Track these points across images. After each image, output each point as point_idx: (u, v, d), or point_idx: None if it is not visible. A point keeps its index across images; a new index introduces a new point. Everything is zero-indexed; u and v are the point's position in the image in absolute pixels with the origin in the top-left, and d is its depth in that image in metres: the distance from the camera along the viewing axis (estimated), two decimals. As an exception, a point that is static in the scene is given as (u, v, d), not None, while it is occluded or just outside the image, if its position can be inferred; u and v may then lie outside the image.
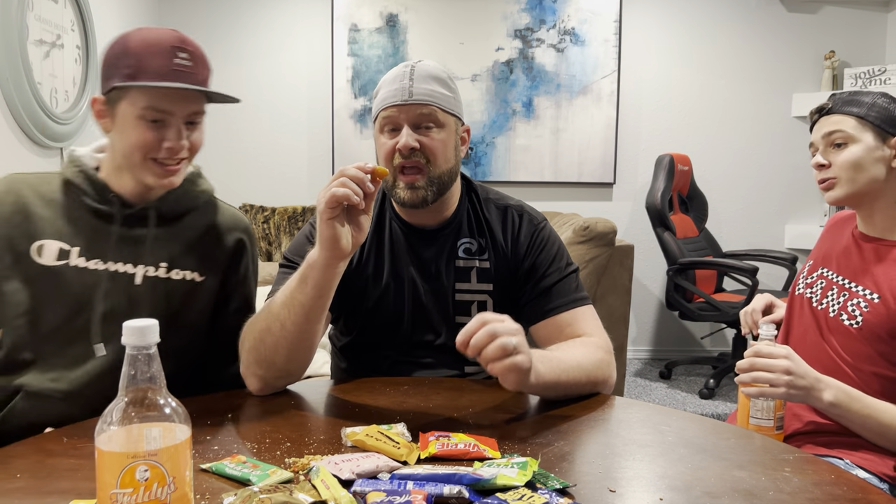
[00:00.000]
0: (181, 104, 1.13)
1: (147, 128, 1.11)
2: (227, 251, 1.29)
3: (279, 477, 0.80)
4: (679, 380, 3.81)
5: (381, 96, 1.27)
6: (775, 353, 1.18)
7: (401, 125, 1.24)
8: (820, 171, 1.32)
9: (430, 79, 1.25)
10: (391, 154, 1.24)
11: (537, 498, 0.75)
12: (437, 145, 1.24)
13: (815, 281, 1.38)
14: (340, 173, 1.02)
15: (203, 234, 1.27)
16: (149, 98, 1.10)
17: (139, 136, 1.12)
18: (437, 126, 1.25)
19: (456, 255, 1.32)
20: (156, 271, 1.20)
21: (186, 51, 1.12)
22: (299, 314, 1.08)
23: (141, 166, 1.14)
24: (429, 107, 1.23)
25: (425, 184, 1.24)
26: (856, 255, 1.33)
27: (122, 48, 1.12)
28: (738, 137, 4.14)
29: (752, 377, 1.18)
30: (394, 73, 1.26)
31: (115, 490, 0.59)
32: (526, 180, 4.08)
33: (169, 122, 1.13)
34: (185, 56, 1.12)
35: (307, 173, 4.10)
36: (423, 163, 1.23)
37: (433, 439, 0.91)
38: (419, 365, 1.31)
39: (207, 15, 4.00)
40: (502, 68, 4.02)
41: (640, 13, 4.06)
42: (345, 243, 1.03)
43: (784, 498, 0.79)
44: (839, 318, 1.28)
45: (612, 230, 2.73)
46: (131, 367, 0.61)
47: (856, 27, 4.08)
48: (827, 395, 1.17)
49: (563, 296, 1.28)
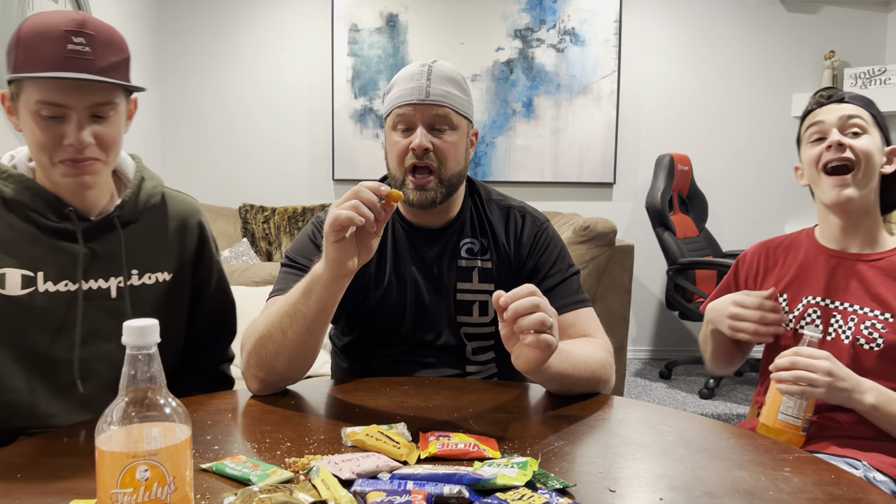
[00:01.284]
0: (77, 96, 1.00)
1: (43, 125, 1.00)
2: (191, 241, 1.24)
3: (279, 477, 0.80)
4: (679, 380, 3.81)
5: (395, 93, 1.26)
6: (816, 353, 1.17)
7: (415, 124, 1.23)
8: (836, 151, 1.22)
9: (447, 80, 1.25)
10: (403, 153, 1.24)
11: (537, 498, 0.75)
12: (449, 147, 1.24)
13: (803, 312, 1.31)
14: (354, 194, 0.99)
15: (163, 232, 1.20)
16: (41, 91, 0.98)
17: (35, 135, 1.01)
18: (451, 128, 1.25)
19: (458, 255, 1.32)
20: (128, 280, 1.14)
21: (84, 34, 0.99)
22: (301, 325, 1.08)
23: (51, 169, 1.04)
24: (444, 108, 1.23)
25: (435, 185, 1.24)
26: (843, 275, 1.29)
27: (15, 36, 1.01)
28: (738, 137, 4.14)
29: (794, 376, 1.16)
30: (410, 71, 1.26)
31: (115, 490, 0.59)
32: (526, 180, 4.08)
33: (68, 117, 1.00)
34: (82, 41, 0.98)
35: (307, 173, 4.10)
36: (435, 165, 1.24)
37: (433, 439, 0.91)
38: (420, 364, 1.31)
39: (207, 15, 4.00)
40: (502, 68, 4.02)
41: (640, 13, 4.06)
42: (350, 265, 1.02)
43: (784, 498, 0.79)
44: (856, 342, 1.25)
45: (612, 230, 2.73)
46: (131, 366, 0.61)
47: (856, 27, 4.08)
48: (869, 398, 1.16)
49: (564, 297, 1.28)
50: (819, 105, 1.28)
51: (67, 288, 1.07)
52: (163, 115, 4.03)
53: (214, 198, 4.03)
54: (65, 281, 1.07)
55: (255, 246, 3.73)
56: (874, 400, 1.16)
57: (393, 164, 1.27)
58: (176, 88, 4.03)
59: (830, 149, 1.23)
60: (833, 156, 1.23)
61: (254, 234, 3.75)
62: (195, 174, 4.07)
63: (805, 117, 1.32)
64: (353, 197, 0.99)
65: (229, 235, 3.75)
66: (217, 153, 4.07)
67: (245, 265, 2.65)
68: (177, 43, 4.01)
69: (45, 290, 1.06)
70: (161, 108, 4.03)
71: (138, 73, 3.72)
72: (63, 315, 1.07)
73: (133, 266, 1.15)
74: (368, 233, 1.02)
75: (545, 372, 1.07)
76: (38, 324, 1.06)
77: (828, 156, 1.23)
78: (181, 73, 4.02)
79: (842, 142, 1.21)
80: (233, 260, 3.45)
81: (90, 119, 1.03)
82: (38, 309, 1.06)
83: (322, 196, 4.09)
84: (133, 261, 1.15)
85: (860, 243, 1.29)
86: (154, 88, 3.96)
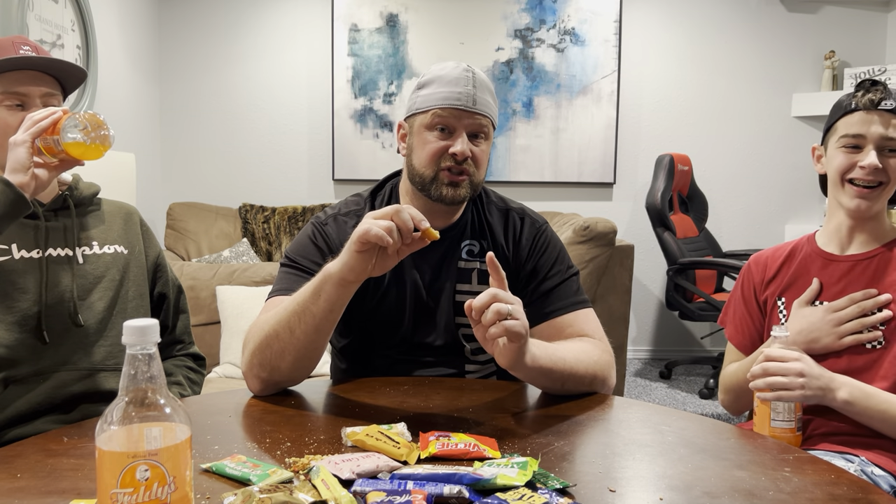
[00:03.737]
0: (34, 86, 1.24)
1: (8, 112, 1.22)
2: (135, 227, 1.42)
3: (279, 477, 0.80)
4: (679, 380, 3.82)
5: (437, 92, 1.24)
6: (787, 356, 1.18)
7: (456, 129, 1.24)
8: (873, 174, 1.21)
9: (486, 89, 1.26)
10: (438, 154, 1.24)
11: (537, 498, 0.75)
12: (483, 156, 1.27)
13: None
14: (394, 212, 1.00)
15: (110, 216, 1.39)
16: (4, 84, 1.22)
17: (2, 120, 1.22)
18: (486, 138, 1.27)
19: (459, 257, 1.32)
20: (91, 250, 1.32)
21: (29, 44, 1.25)
22: (310, 325, 1.08)
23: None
24: (486, 118, 1.25)
25: (467, 185, 1.26)
26: (838, 275, 1.30)
27: None
28: (738, 137, 4.14)
29: (767, 383, 1.18)
30: (453, 73, 1.24)
31: (115, 490, 0.59)
32: (526, 180, 4.08)
33: (28, 104, 1.24)
34: (28, 48, 1.25)
35: (307, 173, 4.10)
36: (471, 171, 1.25)
37: (433, 439, 0.91)
38: (419, 365, 1.31)
39: (207, 15, 4.00)
40: (502, 68, 4.02)
41: (640, 13, 4.06)
42: (363, 275, 1.05)
43: (784, 498, 0.79)
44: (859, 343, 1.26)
45: (612, 230, 2.73)
46: (131, 366, 0.61)
47: (856, 27, 4.08)
48: (842, 394, 1.17)
49: (563, 298, 1.29)
50: (863, 108, 1.22)
51: (39, 255, 1.27)
52: (163, 115, 4.03)
53: (214, 198, 4.03)
54: (36, 250, 1.27)
55: (255, 246, 3.73)
56: (847, 395, 1.17)
57: (423, 162, 1.25)
58: (176, 88, 4.03)
59: (864, 168, 1.22)
60: (866, 176, 1.22)
61: (254, 234, 3.75)
62: (195, 174, 4.08)
63: (845, 113, 1.25)
64: (391, 216, 1.00)
65: (229, 235, 3.75)
66: (217, 153, 4.07)
67: (245, 265, 2.65)
68: (177, 43, 4.01)
69: (19, 256, 1.25)
70: (161, 108, 4.03)
71: (138, 72, 3.72)
72: (41, 276, 1.25)
73: (92, 238, 1.34)
74: (390, 255, 1.04)
75: (532, 367, 1.07)
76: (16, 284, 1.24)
77: (860, 173, 1.23)
78: (181, 73, 4.02)
79: (878, 166, 1.20)
80: (233, 260, 3.45)
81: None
82: (19, 271, 1.25)
83: (322, 196, 4.09)
84: (90, 234, 1.34)
85: (862, 242, 1.30)
86: (154, 88, 3.96)
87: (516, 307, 1.00)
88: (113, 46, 3.37)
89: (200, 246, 3.65)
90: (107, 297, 1.30)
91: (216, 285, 2.51)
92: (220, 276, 2.56)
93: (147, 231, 1.44)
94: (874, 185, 1.23)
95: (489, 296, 0.99)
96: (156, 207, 3.95)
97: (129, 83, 3.62)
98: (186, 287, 2.37)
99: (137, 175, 3.47)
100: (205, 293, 2.51)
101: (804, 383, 1.16)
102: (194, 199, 4.01)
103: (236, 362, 2.35)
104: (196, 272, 2.58)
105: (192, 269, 2.61)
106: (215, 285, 2.52)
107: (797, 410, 1.19)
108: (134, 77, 3.67)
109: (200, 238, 3.67)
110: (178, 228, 3.66)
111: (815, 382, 1.16)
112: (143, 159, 3.72)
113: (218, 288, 2.49)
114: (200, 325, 2.47)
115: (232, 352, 2.37)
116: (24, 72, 1.23)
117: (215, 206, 3.85)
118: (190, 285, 2.50)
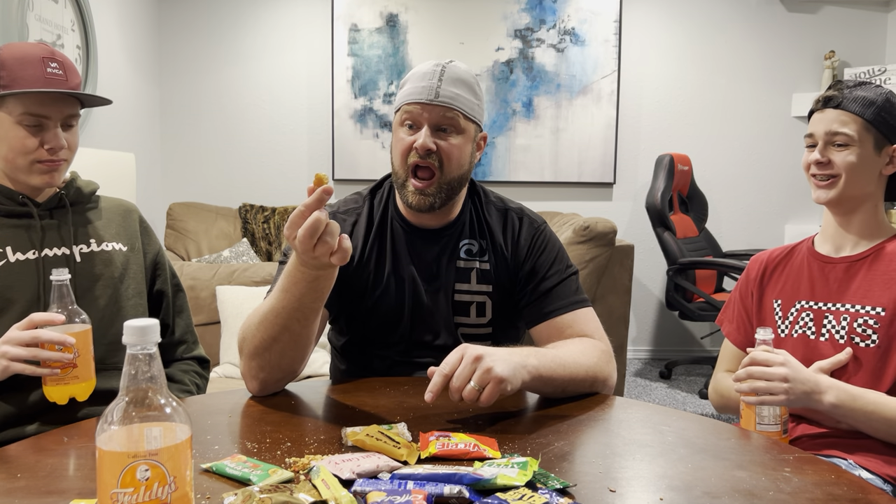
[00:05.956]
0: (56, 108, 1.22)
1: (27, 133, 1.21)
2: (134, 224, 1.41)
3: (279, 477, 0.80)
4: (679, 380, 3.82)
5: (406, 90, 1.26)
6: (772, 360, 1.18)
7: (421, 124, 1.24)
8: (819, 168, 1.30)
9: (459, 82, 1.25)
10: (407, 150, 1.24)
11: (537, 498, 0.75)
12: (452, 150, 1.24)
13: (797, 317, 1.33)
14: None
15: (109, 214, 1.38)
16: (26, 105, 1.19)
17: (20, 141, 1.20)
18: (457, 131, 1.25)
19: (457, 256, 1.32)
20: (88, 248, 1.32)
21: (56, 61, 1.22)
22: (291, 316, 1.07)
23: (27, 169, 1.23)
24: (452, 111, 1.23)
25: (435, 190, 1.24)
26: (833, 277, 1.31)
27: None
28: (738, 137, 4.14)
29: (751, 387, 1.18)
30: (423, 70, 1.26)
31: (115, 490, 0.59)
32: (526, 180, 4.08)
33: (47, 126, 1.22)
34: (56, 66, 1.22)
35: (307, 173, 4.10)
36: (437, 165, 1.23)
37: (433, 439, 0.91)
38: (418, 365, 1.31)
39: (207, 15, 4.00)
40: (502, 68, 4.02)
41: (640, 13, 4.06)
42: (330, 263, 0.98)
43: (784, 498, 0.79)
44: (851, 341, 1.25)
45: (612, 230, 2.73)
46: (132, 366, 0.61)
47: (856, 27, 4.08)
48: (828, 398, 1.17)
49: (563, 298, 1.29)
50: (816, 109, 1.32)
51: (36, 256, 1.26)
52: (163, 115, 4.03)
53: (214, 198, 4.03)
54: (31, 251, 1.26)
55: (255, 246, 3.73)
56: (834, 399, 1.17)
57: (396, 161, 1.27)
58: (176, 88, 4.02)
59: (814, 164, 1.31)
60: (817, 171, 1.30)
61: (254, 234, 3.75)
62: (195, 174, 4.08)
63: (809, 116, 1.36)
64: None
65: (229, 235, 3.75)
66: (217, 153, 4.07)
67: (245, 265, 2.65)
68: (177, 43, 4.01)
69: (15, 259, 1.25)
70: (161, 108, 4.03)
71: (138, 72, 3.72)
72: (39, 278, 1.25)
73: (90, 236, 1.33)
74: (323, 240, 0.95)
75: (531, 379, 1.07)
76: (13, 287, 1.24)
77: (814, 168, 1.31)
78: (181, 73, 4.02)
79: (821, 160, 1.29)
80: (233, 260, 3.45)
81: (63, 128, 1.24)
82: (14, 275, 1.24)
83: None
84: (88, 231, 1.33)
85: (854, 238, 1.31)
86: (154, 88, 3.96)
87: (481, 375, 1.00)
88: (113, 46, 3.37)
89: (200, 246, 3.65)
90: (106, 295, 1.30)
91: (216, 285, 2.52)
92: (219, 276, 2.56)
93: (146, 228, 1.44)
94: (826, 178, 1.30)
95: (463, 377, 1.00)
96: (156, 207, 3.95)
97: (129, 83, 3.62)
98: (186, 287, 2.37)
99: (137, 175, 3.47)
100: (205, 293, 2.51)
101: (788, 388, 1.15)
102: (194, 199, 4.01)
103: (236, 362, 2.35)
104: (196, 272, 2.58)
105: (192, 269, 2.62)
106: (215, 285, 2.52)
107: (783, 413, 1.19)
108: (134, 77, 3.67)
109: (200, 238, 3.67)
110: (178, 228, 3.66)
111: (799, 387, 1.16)
112: (142, 159, 3.72)
113: (218, 288, 2.49)
114: (200, 325, 2.47)
115: (232, 352, 2.38)
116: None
117: (215, 206, 3.85)
118: (190, 285, 2.50)
